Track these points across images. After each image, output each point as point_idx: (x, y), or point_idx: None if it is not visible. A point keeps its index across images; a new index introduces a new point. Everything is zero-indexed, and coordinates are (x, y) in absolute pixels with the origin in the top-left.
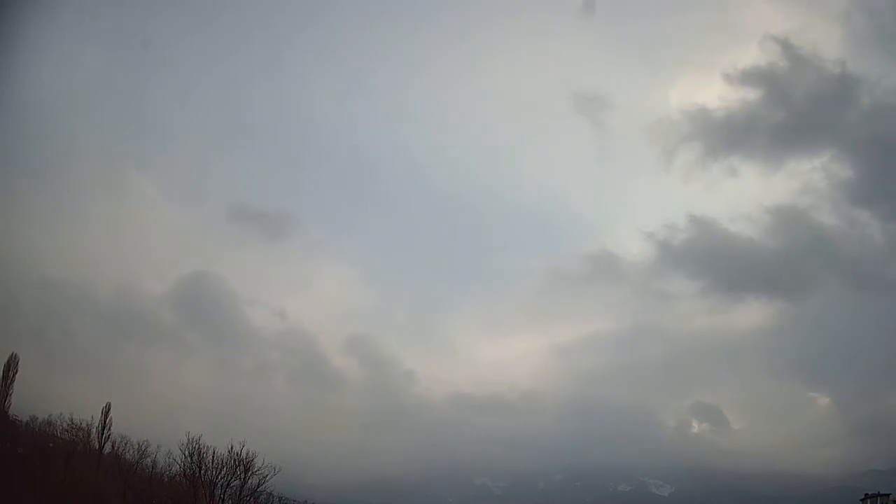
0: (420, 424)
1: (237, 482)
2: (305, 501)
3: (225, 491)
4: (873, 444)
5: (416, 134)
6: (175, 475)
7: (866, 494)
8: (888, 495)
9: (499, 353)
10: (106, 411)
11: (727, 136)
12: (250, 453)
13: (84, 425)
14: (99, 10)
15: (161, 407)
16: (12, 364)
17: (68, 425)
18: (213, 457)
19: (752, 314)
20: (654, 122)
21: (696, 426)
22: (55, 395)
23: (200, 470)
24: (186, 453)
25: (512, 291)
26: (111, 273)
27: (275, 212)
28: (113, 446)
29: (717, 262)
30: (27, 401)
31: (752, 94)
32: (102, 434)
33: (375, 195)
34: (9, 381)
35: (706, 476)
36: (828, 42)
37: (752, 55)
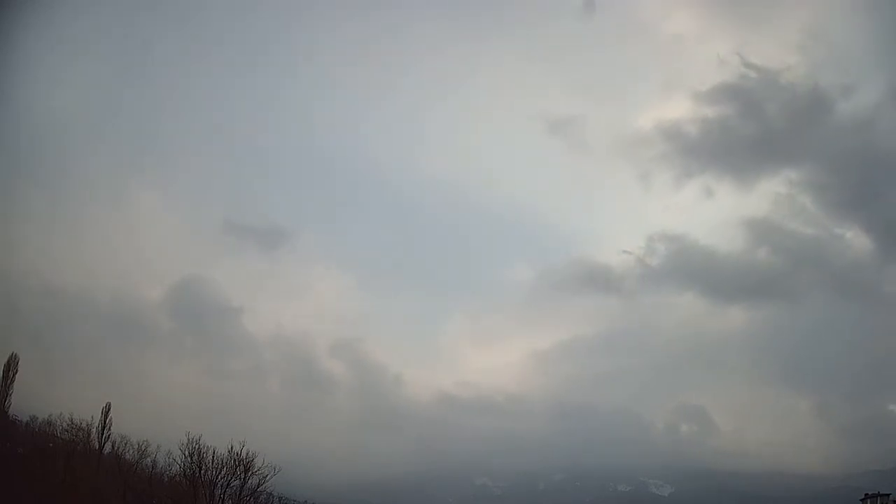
0: (420, 426)
1: (237, 482)
2: (305, 502)
3: (225, 491)
4: (873, 445)
5: (411, 146)
6: (175, 475)
7: (866, 494)
8: (888, 495)
9: (493, 357)
10: (106, 411)
11: (701, 153)
12: (250, 453)
13: (84, 425)
14: (102, 18)
15: (161, 407)
16: (12, 364)
17: (68, 425)
18: (213, 457)
19: (739, 321)
20: (630, 140)
21: (693, 428)
22: (55, 395)
23: (200, 470)
24: (186, 453)
25: (500, 299)
26: (110, 277)
27: (270, 220)
28: (113, 446)
29: (702, 271)
30: (27, 401)
31: (727, 111)
32: (102, 434)
33: (371, 205)
34: (9, 381)
35: (706, 476)
36: (799, 58)
37: (724, 74)
